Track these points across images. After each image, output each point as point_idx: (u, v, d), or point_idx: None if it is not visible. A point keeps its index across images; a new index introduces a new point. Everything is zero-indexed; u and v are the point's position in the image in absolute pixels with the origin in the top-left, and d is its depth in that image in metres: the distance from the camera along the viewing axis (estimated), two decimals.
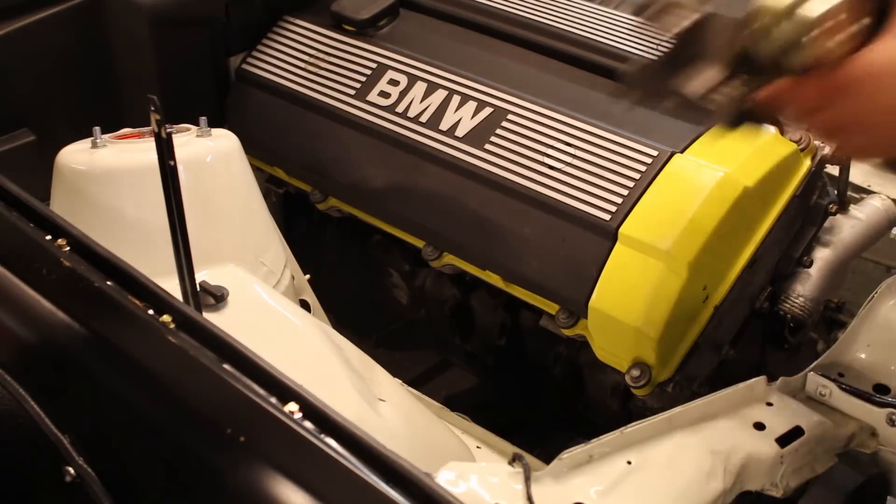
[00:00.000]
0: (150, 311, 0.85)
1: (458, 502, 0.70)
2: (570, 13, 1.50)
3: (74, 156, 1.23)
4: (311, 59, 1.54)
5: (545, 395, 1.55)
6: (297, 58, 1.55)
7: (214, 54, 1.60)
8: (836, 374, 1.19)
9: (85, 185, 1.21)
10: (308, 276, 1.43)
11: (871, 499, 1.15)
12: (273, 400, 0.77)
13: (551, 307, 1.31)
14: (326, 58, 1.53)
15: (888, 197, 1.47)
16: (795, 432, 1.11)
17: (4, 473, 0.88)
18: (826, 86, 0.80)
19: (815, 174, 1.32)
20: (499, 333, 1.51)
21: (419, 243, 1.42)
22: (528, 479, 0.89)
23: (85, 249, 0.91)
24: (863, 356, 1.20)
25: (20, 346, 0.91)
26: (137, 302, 0.86)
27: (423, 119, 1.41)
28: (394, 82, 1.46)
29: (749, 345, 1.36)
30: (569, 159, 1.29)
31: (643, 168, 1.26)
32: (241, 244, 1.25)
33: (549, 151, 1.31)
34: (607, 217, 1.25)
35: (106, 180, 1.21)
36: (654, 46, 1.41)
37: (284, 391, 0.77)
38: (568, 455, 0.96)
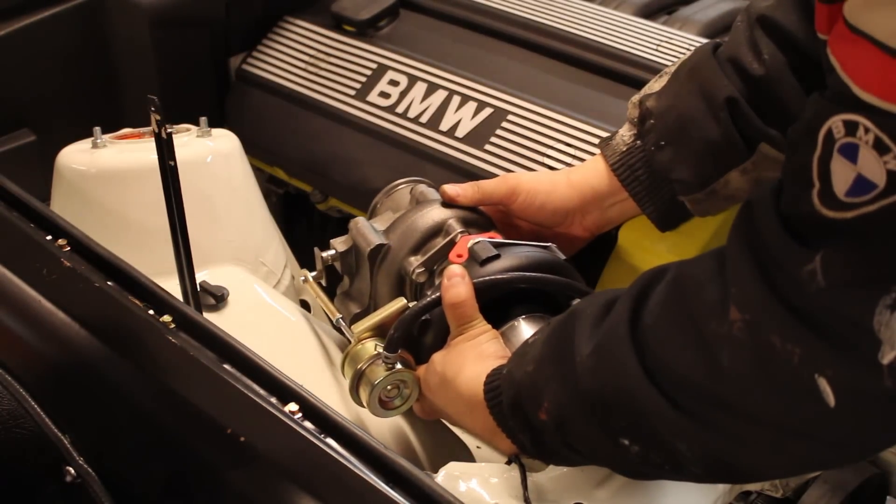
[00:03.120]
0: (150, 311, 0.85)
1: (458, 502, 0.70)
2: (570, 13, 1.50)
3: (75, 156, 1.23)
4: (312, 60, 1.54)
5: None
6: (297, 58, 1.55)
7: (214, 54, 1.60)
8: None
9: (85, 186, 1.21)
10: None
11: (870, 499, 1.15)
12: (273, 400, 0.77)
13: None
14: (326, 58, 1.53)
15: None
16: None
17: (4, 473, 0.88)
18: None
19: None
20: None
21: None
22: (524, 480, 0.89)
23: (85, 249, 0.91)
24: None
25: (20, 346, 0.91)
26: (137, 302, 0.86)
27: (424, 119, 1.41)
28: (394, 83, 1.46)
29: None
30: (569, 160, 1.29)
31: None
32: (241, 244, 1.25)
33: (549, 152, 1.31)
34: None
35: (106, 180, 1.21)
36: (654, 46, 1.42)
37: (284, 391, 0.77)
38: None
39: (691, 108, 1.04)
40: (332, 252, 1.11)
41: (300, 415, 0.76)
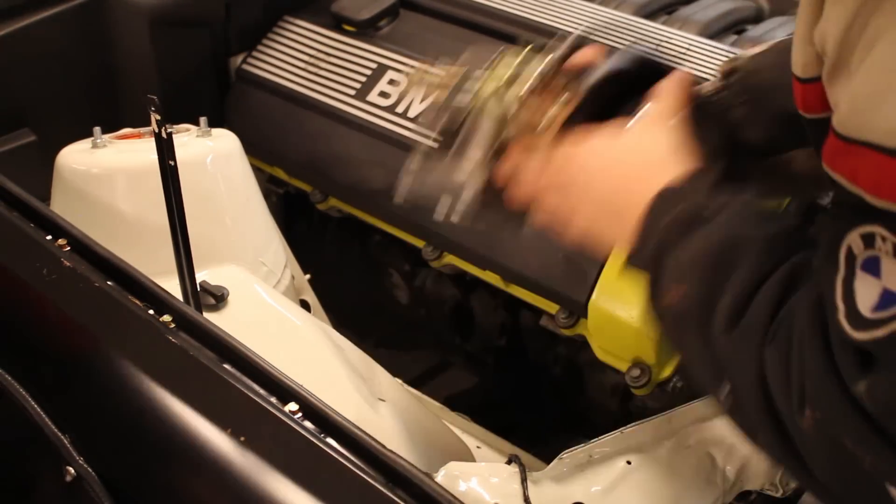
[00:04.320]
0: (150, 311, 0.85)
1: (458, 502, 0.70)
2: (570, 13, 1.50)
3: (74, 156, 1.23)
4: (312, 60, 1.54)
5: (545, 395, 1.55)
6: (297, 58, 1.55)
7: (214, 54, 1.60)
8: None
9: (85, 185, 1.21)
10: (308, 276, 1.43)
11: None
12: (273, 400, 0.77)
13: (551, 307, 1.31)
14: (326, 58, 1.53)
15: None
16: None
17: (4, 473, 0.88)
18: (550, 168, 0.85)
19: None
20: (499, 333, 1.51)
21: (419, 243, 1.42)
22: (524, 480, 0.89)
23: (85, 249, 0.91)
24: None
25: (20, 345, 0.91)
26: (137, 302, 0.86)
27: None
28: (394, 83, 1.46)
29: None
30: None
31: None
32: (241, 244, 1.25)
33: None
34: None
35: (106, 180, 1.21)
36: (654, 47, 1.42)
37: (284, 391, 0.77)
38: (568, 455, 0.96)
39: (781, 77, 1.00)
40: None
41: (300, 415, 0.76)
